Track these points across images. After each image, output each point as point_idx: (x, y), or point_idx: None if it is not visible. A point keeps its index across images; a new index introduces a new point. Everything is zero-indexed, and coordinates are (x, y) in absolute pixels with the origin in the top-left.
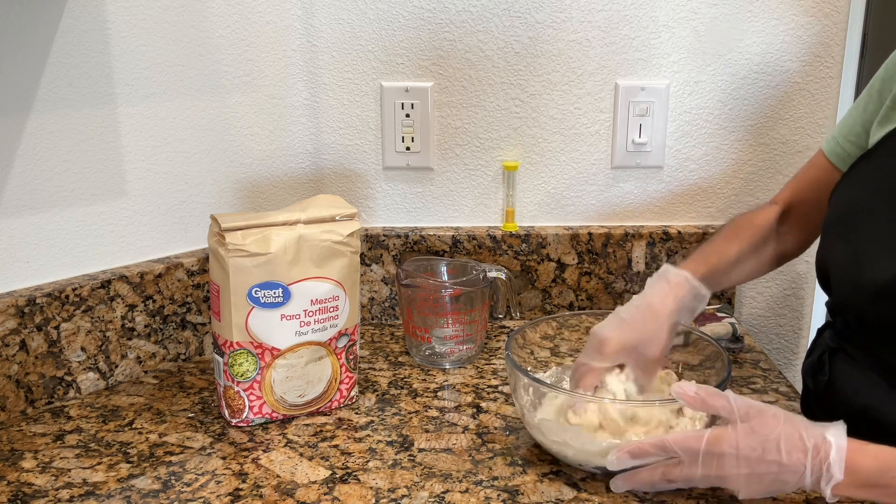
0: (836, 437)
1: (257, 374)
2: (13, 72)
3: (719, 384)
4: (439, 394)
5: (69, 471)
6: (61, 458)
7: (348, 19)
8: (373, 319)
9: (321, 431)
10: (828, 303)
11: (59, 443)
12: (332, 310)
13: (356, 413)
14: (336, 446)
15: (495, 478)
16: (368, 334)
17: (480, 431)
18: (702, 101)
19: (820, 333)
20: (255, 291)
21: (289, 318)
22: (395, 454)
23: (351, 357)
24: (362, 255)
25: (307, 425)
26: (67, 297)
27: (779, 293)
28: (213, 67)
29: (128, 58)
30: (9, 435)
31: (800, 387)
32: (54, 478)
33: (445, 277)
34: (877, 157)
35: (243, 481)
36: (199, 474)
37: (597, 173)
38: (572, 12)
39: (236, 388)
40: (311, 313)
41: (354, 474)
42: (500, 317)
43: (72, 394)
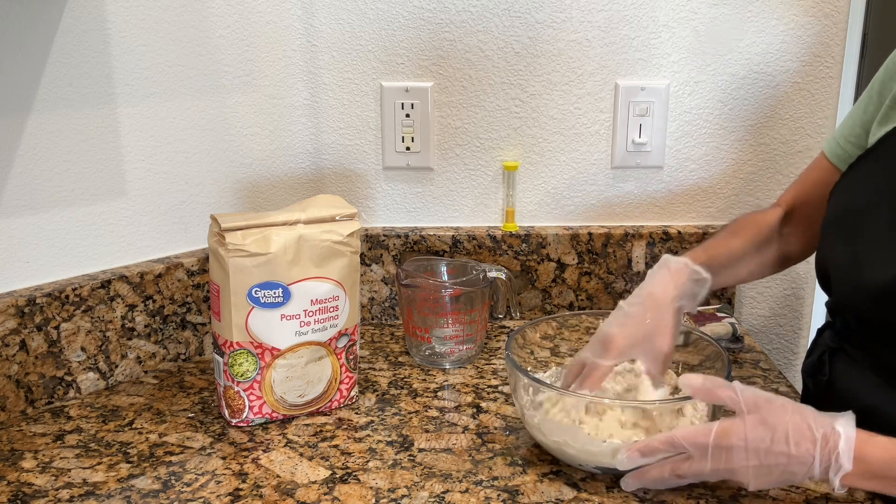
0: (844, 428)
1: (257, 374)
2: (13, 72)
3: None
4: (439, 394)
5: (69, 471)
6: (61, 458)
7: (348, 19)
8: (373, 319)
9: (321, 431)
10: (828, 303)
11: (59, 443)
12: (332, 310)
13: (356, 413)
14: (336, 446)
15: (495, 478)
16: (368, 334)
17: (480, 431)
18: (702, 101)
19: (820, 333)
20: (255, 291)
21: (289, 318)
22: (395, 454)
23: (351, 357)
24: (362, 255)
25: (307, 425)
26: (67, 297)
27: (779, 293)
28: (213, 67)
29: (128, 58)
30: (9, 435)
31: (800, 387)
32: (54, 478)
33: (445, 277)
34: (876, 156)
35: (243, 481)
36: (199, 474)
37: (597, 173)
38: (572, 12)
39: (236, 388)
40: (311, 313)
41: (354, 474)
42: (500, 317)
43: (72, 394)
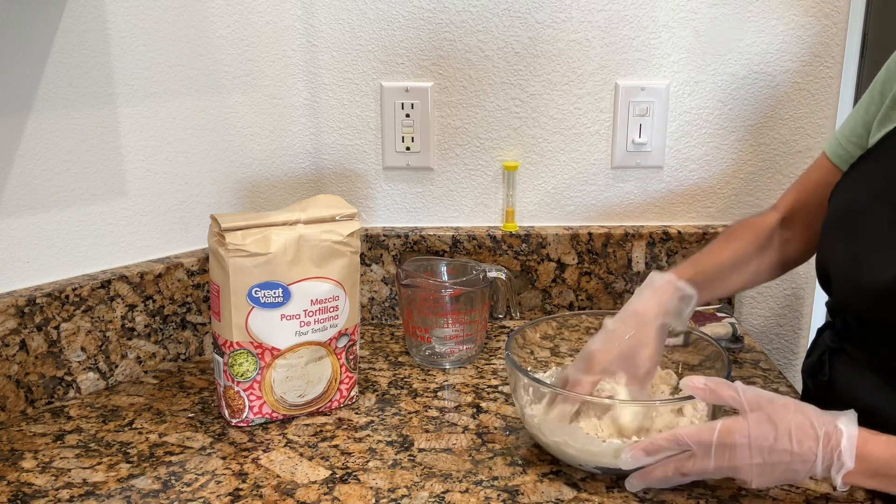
0: (847, 426)
1: (257, 374)
2: (13, 72)
3: None
4: (439, 394)
5: (69, 471)
6: (61, 458)
7: (348, 19)
8: (373, 319)
9: (321, 431)
10: (828, 303)
11: (59, 443)
12: (332, 310)
13: (356, 413)
14: (336, 446)
15: (495, 478)
16: (368, 334)
17: (480, 431)
18: (702, 101)
19: (820, 333)
20: (255, 291)
21: (289, 318)
22: (395, 454)
23: (351, 357)
24: (362, 255)
25: (307, 425)
26: (67, 297)
27: (779, 293)
28: (213, 67)
29: (128, 58)
30: (9, 435)
31: (800, 387)
32: (54, 478)
33: (445, 277)
34: (876, 156)
35: (243, 481)
36: (199, 474)
37: (597, 173)
38: (572, 12)
39: (236, 388)
40: (311, 313)
41: (354, 474)
42: (500, 317)
43: (72, 394)
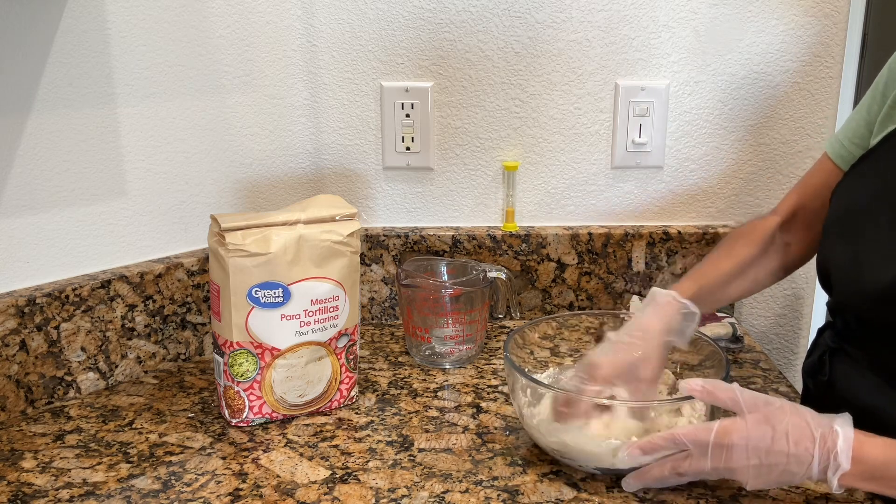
0: (843, 428)
1: (257, 374)
2: (13, 72)
3: None
4: (439, 394)
5: (69, 471)
6: (61, 458)
7: (348, 19)
8: (373, 319)
9: (321, 431)
10: (828, 303)
11: (59, 443)
12: (332, 310)
13: (356, 413)
14: (336, 446)
15: (495, 478)
16: (368, 334)
17: (480, 431)
18: (702, 101)
19: (820, 334)
20: (255, 291)
21: (289, 318)
22: (395, 454)
23: (351, 357)
24: (362, 255)
25: (307, 425)
26: (67, 297)
27: (779, 293)
28: (213, 67)
29: (128, 58)
30: (9, 435)
31: (800, 387)
32: (54, 478)
33: (445, 277)
34: (877, 157)
35: (243, 481)
36: (199, 474)
37: (597, 173)
38: (572, 12)
39: (236, 388)
40: (311, 313)
41: (354, 474)
42: (500, 317)
43: (72, 394)
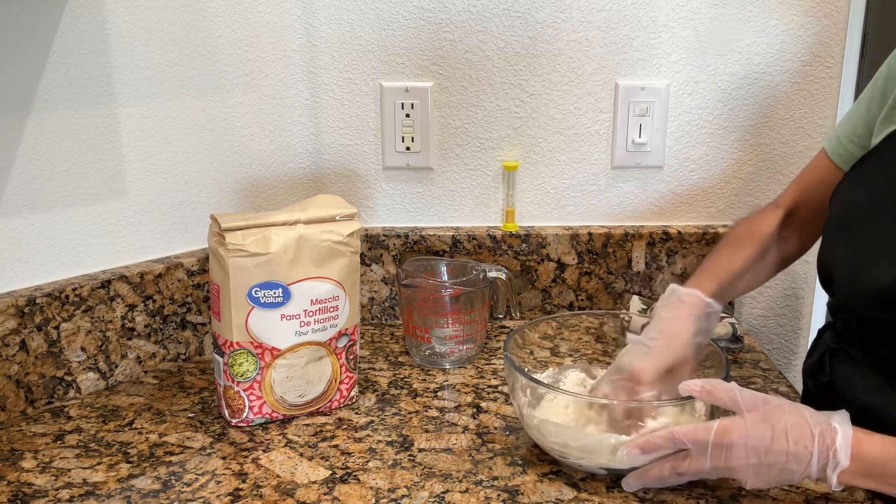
0: (841, 425)
1: (257, 374)
2: (13, 72)
3: None
4: (439, 394)
5: (69, 471)
6: (61, 458)
7: (348, 19)
8: (373, 319)
9: (321, 431)
10: (829, 304)
11: (59, 443)
12: (332, 310)
13: (356, 413)
14: (336, 446)
15: (495, 478)
16: (368, 334)
17: (480, 431)
18: (702, 101)
19: (821, 334)
20: (255, 291)
21: (289, 318)
22: (395, 454)
23: (351, 357)
24: (362, 255)
25: (307, 425)
26: (67, 297)
27: (779, 293)
28: (213, 67)
29: (128, 58)
30: (9, 435)
31: (800, 387)
32: (54, 478)
33: (445, 277)
34: (878, 157)
35: (243, 481)
36: (199, 474)
37: (597, 173)
38: (572, 12)
39: (236, 388)
40: (311, 313)
41: (354, 474)
42: (500, 317)
43: (72, 394)
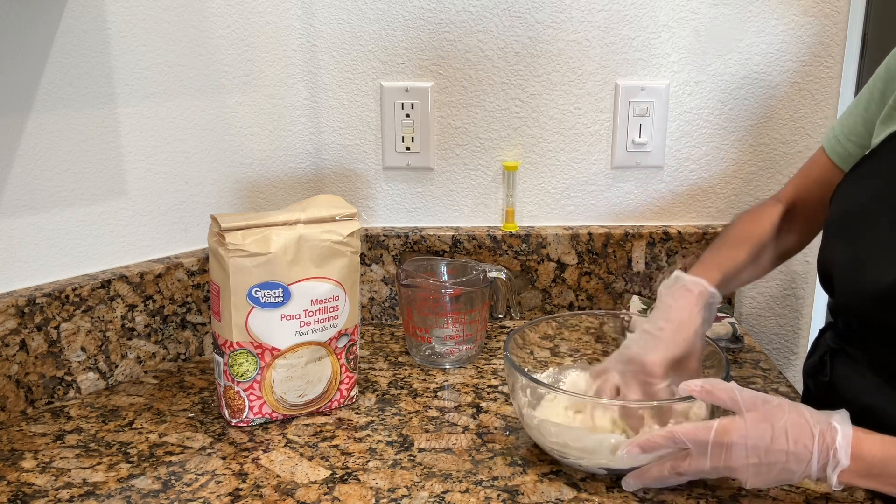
0: (841, 424)
1: (257, 374)
2: (13, 72)
3: None
4: (439, 394)
5: (69, 471)
6: (61, 458)
7: (348, 19)
8: (373, 319)
9: (321, 431)
10: (829, 304)
11: (59, 443)
12: (332, 310)
13: (356, 413)
14: (336, 446)
15: (495, 478)
16: (368, 334)
17: (480, 431)
18: (702, 101)
19: (821, 334)
20: (255, 291)
21: (289, 318)
22: (395, 454)
23: (351, 357)
24: (362, 255)
25: (307, 425)
26: (67, 297)
27: (779, 293)
28: (213, 67)
29: (128, 58)
30: (9, 435)
31: (800, 387)
32: (54, 478)
33: (445, 277)
34: (879, 158)
35: (243, 481)
36: (199, 474)
37: (597, 173)
38: (572, 12)
39: (236, 388)
40: (311, 313)
41: (354, 474)
42: (500, 317)
43: (72, 394)
